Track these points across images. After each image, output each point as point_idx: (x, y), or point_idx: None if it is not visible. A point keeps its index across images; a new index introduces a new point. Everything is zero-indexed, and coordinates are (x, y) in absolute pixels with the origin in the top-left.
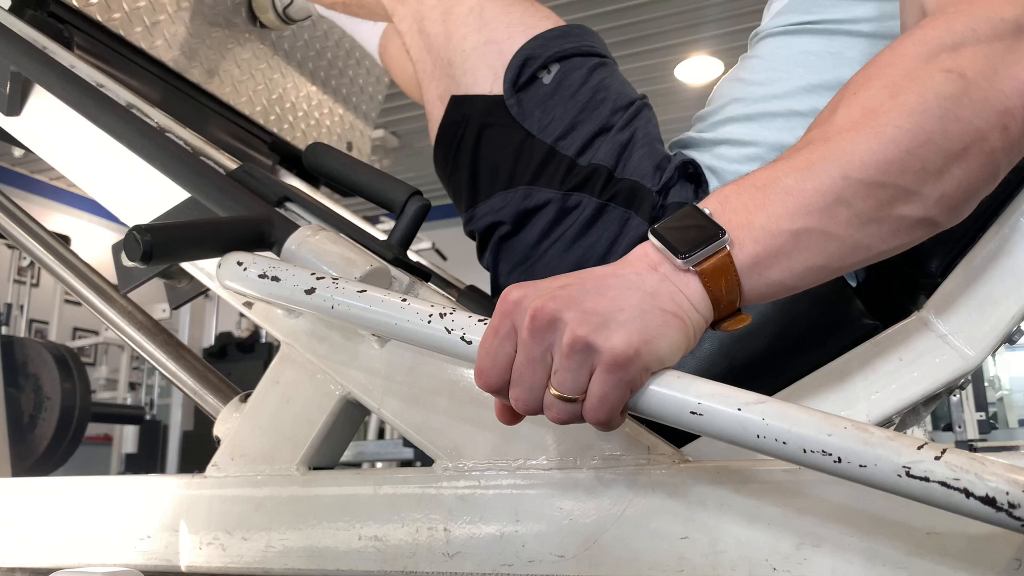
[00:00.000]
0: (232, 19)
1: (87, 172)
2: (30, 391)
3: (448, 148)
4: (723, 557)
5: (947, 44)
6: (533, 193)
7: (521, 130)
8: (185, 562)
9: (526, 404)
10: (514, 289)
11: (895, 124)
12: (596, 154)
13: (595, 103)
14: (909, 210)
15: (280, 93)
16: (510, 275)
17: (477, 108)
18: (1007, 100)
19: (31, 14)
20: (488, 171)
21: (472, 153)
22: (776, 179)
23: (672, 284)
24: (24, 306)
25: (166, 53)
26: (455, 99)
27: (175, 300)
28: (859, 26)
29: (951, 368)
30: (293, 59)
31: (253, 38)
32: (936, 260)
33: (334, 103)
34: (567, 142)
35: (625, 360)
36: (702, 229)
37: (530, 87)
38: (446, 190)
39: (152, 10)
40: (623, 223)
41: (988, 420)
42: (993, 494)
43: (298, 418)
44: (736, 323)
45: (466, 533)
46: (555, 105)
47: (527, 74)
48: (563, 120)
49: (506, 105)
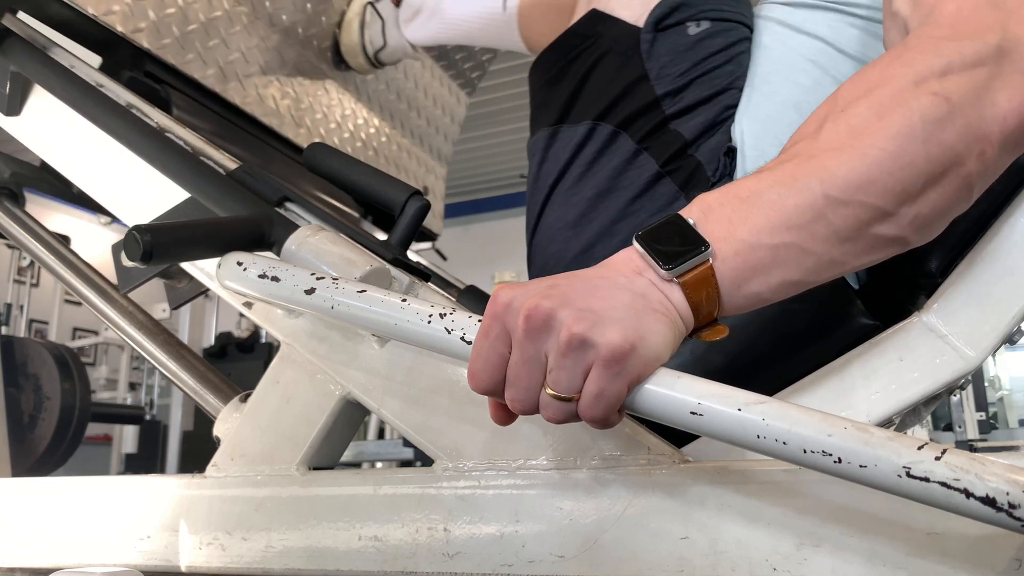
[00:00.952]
0: (317, 64)
1: (87, 172)
2: (30, 391)
3: (562, 56)
4: (723, 557)
5: (935, 68)
6: (617, 139)
7: (640, 68)
8: (185, 562)
9: (522, 404)
10: (504, 291)
11: (879, 146)
12: (688, 123)
13: (719, 74)
14: (884, 229)
15: (363, 140)
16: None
17: (612, 31)
18: (986, 126)
19: (128, 76)
20: (592, 93)
21: (585, 70)
22: (759, 192)
23: (657, 290)
24: (24, 306)
25: (258, 108)
26: (595, 12)
27: (175, 300)
28: (857, 10)
29: (951, 368)
30: (375, 102)
31: (337, 83)
32: (936, 260)
33: (411, 145)
34: (673, 101)
35: (622, 354)
36: (686, 239)
37: (672, 31)
38: (532, 94)
39: (244, 63)
40: (668, 203)
41: (988, 420)
42: (993, 494)
43: (298, 418)
44: (714, 334)
45: (466, 533)
46: (685, 59)
47: (676, 18)
48: (684, 78)
49: (640, 39)
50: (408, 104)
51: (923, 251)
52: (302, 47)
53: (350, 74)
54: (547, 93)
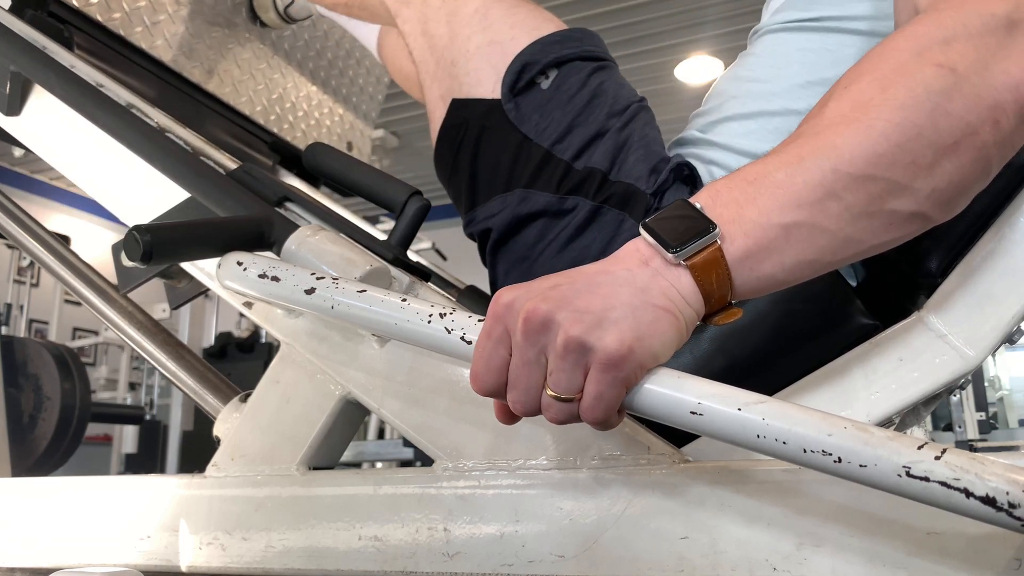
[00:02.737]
0: (232, 19)
1: (87, 172)
2: (30, 391)
3: (448, 150)
4: (723, 557)
5: (938, 39)
6: (529, 196)
7: (518, 134)
8: (185, 562)
9: (524, 406)
10: (505, 292)
11: (885, 118)
12: (591, 158)
13: (591, 107)
14: (901, 204)
15: (280, 93)
16: (507, 276)
17: (477, 111)
18: (998, 95)
19: (31, 14)
20: (487, 174)
21: (471, 156)
22: (767, 173)
23: (663, 278)
24: (24, 306)
25: (166, 53)
26: (456, 102)
27: (175, 300)
28: (855, 24)
29: (951, 368)
30: (293, 59)
31: (253, 38)
32: (936, 260)
33: (334, 103)
34: (563, 146)
35: (619, 358)
36: (693, 223)
37: (528, 92)
38: (447, 191)
39: (152, 10)
40: (617, 225)
41: (988, 420)
42: (993, 494)
43: (298, 418)
44: (728, 317)
45: (466, 533)
46: (552, 109)
47: (525, 79)
48: (560, 124)
49: (504, 109)
50: (329, 63)
51: (923, 251)
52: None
53: (267, 30)
54: (453, 188)
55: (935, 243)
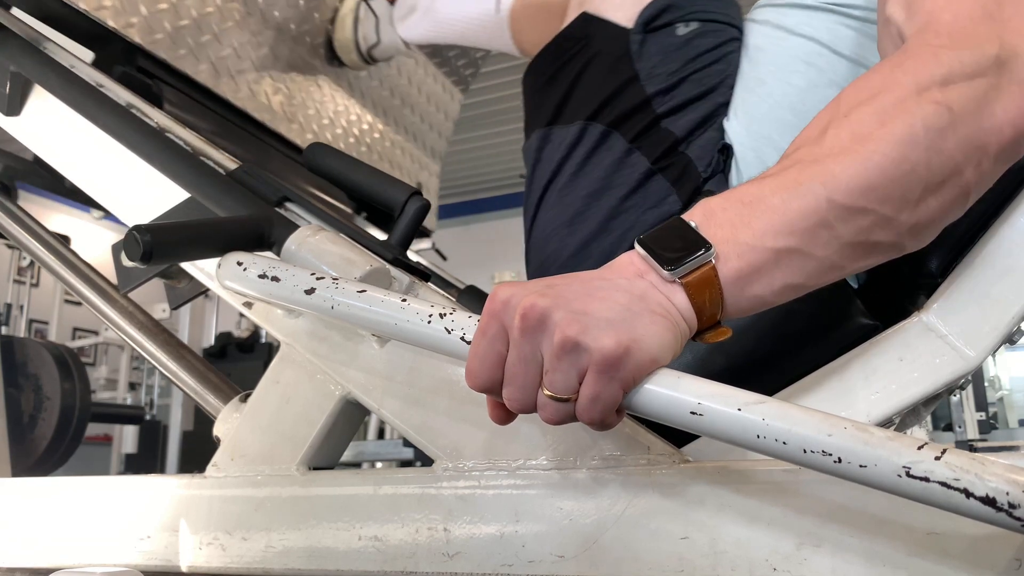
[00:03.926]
0: (311, 61)
1: (87, 172)
2: (30, 391)
3: (555, 59)
4: (723, 557)
5: (937, 78)
6: (609, 138)
7: (631, 69)
8: (185, 562)
9: (520, 403)
10: (503, 289)
11: (883, 152)
12: (677, 122)
13: (709, 74)
14: (882, 235)
15: (356, 136)
16: (544, 190)
17: (601, 33)
18: (985, 137)
19: (120, 71)
20: (583, 95)
21: (576, 73)
22: (762, 196)
23: (659, 292)
24: (24, 306)
25: (250, 103)
26: (585, 16)
27: (175, 300)
28: (853, 11)
29: (951, 368)
30: (368, 99)
31: (331, 79)
32: (936, 260)
33: (405, 142)
34: (664, 99)
35: (615, 360)
36: (688, 241)
37: (661, 32)
38: (526, 99)
39: (236, 58)
40: (661, 199)
41: (988, 420)
42: (993, 494)
43: (298, 418)
44: (717, 335)
45: (466, 533)
46: (675, 59)
47: (665, 20)
48: (673, 77)
49: (630, 40)
50: (402, 101)
51: (923, 251)
52: (295, 43)
53: (343, 71)
54: (540, 97)
55: (935, 243)
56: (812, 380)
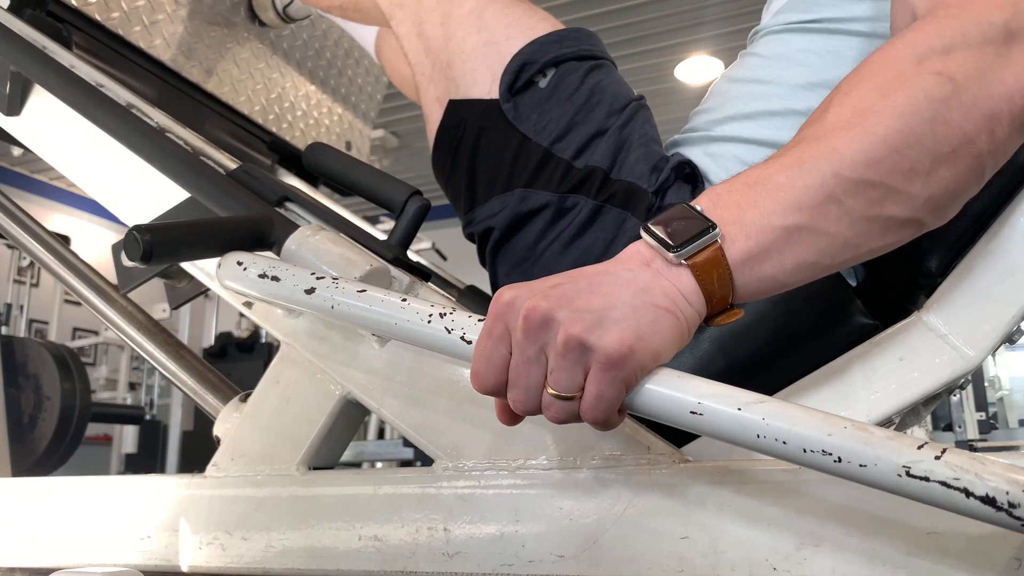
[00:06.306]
0: (231, 18)
1: (87, 172)
2: (30, 391)
3: (446, 152)
4: (723, 557)
5: (937, 47)
6: (530, 196)
7: (518, 133)
8: (185, 562)
9: (524, 404)
10: (507, 290)
11: (885, 124)
12: (592, 156)
13: (591, 105)
14: (897, 210)
15: (279, 92)
16: (508, 276)
17: (474, 112)
18: (995, 104)
19: (30, 13)
20: (486, 174)
21: (470, 157)
22: (768, 176)
23: (665, 279)
24: (24, 306)
25: (164, 52)
26: (453, 103)
27: (175, 300)
28: (856, 25)
29: (951, 368)
30: (292, 58)
31: (252, 37)
32: (936, 260)
33: (333, 102)
34: (563, 145)
35: (619, 358)
36: (694, 224)
37: (526, 91)
38: (445, 193)
39: (151, 9)
40: (619, 224)
41: (988, 420)
42: (993, 494)
43: (298, 418)
44: (729, 317)
45: (466, 533)
46: (551, 108)
47: (523, 79)
48: (559, 123)
49: (502, 109)
50: (328, 62)
51: (923, 251)
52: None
53: (265, 30)
54: (451, 189)
55: (935, 243)
56: (812, 380)
